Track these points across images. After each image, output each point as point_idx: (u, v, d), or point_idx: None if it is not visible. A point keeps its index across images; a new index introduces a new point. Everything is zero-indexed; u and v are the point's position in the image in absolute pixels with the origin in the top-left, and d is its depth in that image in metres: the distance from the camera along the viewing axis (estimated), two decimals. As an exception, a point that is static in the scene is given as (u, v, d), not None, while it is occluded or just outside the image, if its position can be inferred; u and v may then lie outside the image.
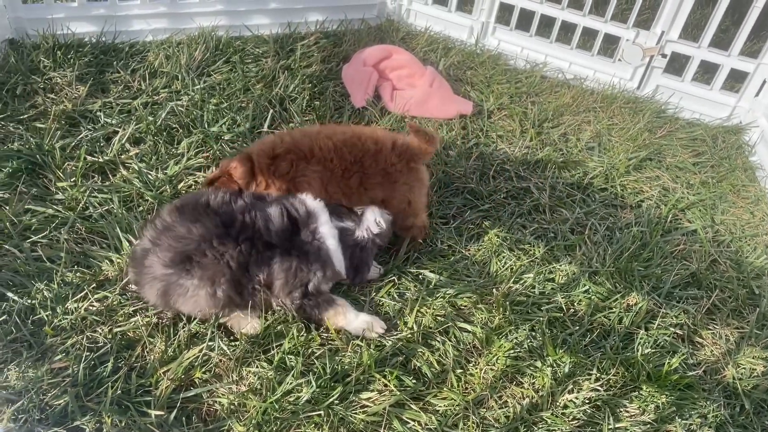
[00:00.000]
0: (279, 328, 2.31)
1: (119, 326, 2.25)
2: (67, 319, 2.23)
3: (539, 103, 3.72)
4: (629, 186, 3.26)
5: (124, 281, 2.37)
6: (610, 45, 3.99)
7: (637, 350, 2.43)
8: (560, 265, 2.75)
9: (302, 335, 2.28)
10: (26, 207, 2.57)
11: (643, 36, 3.77)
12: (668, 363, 2.37)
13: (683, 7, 3.57)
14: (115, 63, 3.42)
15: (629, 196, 3.19)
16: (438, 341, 2.37)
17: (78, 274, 2.39)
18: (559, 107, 3.71)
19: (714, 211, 3.19)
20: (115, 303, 2.31)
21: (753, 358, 2.49)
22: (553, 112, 3.65)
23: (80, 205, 2.63)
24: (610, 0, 3.74)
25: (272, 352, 2.23)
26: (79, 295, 2.31)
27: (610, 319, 2.55)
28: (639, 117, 3.69)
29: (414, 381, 2.23)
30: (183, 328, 2.26)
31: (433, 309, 2.48)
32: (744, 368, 2.47)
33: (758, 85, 3.68)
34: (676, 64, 3.90)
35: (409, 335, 2.36)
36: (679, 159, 3.48)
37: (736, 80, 3.83)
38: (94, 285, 2.36)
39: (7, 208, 2.54)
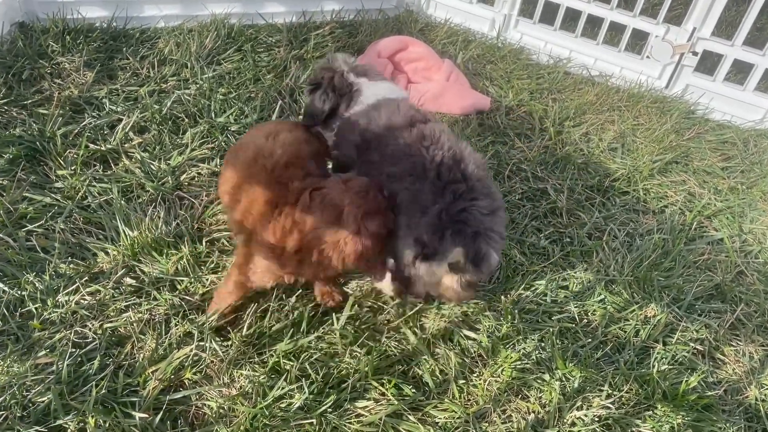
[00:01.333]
0: (275, 328, 2.21)
1: (110, 321, 2.17)
2: (56, 312, 2.16)
3: (561, 101, 3.57)
4: (653, 190, 3.09)
5: (119, 274, 2.30)
6: (639, 41, 3.81)
7: (653, 366, 2.29)
8: (575, 272, 2.61)
9: (299, 337, 2.18)
10: (24, 195, 2.51)
11: (674, 32, 3.58)
12: (686, 381, 2.22)
13: (716, 3, 3.39)
14: (124, 49, 3.35)
15: (652, 201, 3.03)
16: (442, 348, 2.26)
17: (71, 265, 2.32)
18: (581, 105, 3.55)
19: (742, 219, 3.01)
20: (107, 297, 2.24)
21: (778, 378, 2.34)
22: (575, 110, 3.49)
23: (79, 194, 2.56)
24: (640, -6, 3.57)
25: (266, 354, 2.14)
26: (71, 288, 2.23)
27: (625, 332, 2.41)
28: (666, 117, 3.51)
29: (414, 390, 2.12)
30: (176, 325, 2.18)
31: (440, 314, 2.36)
32: (768, 389, 2.32)
33: (795, 86, 3.49)
34: (707, 63, 3.71)
35: (413, 341, 2.25)
36: (707, 163, 3.30)
37: (771, 81, 3.63)
38: (87, 278, 2.29)
39: (4, 195, 2.47)
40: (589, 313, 2.48)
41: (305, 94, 2.55)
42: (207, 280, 2.33)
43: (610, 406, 2.14)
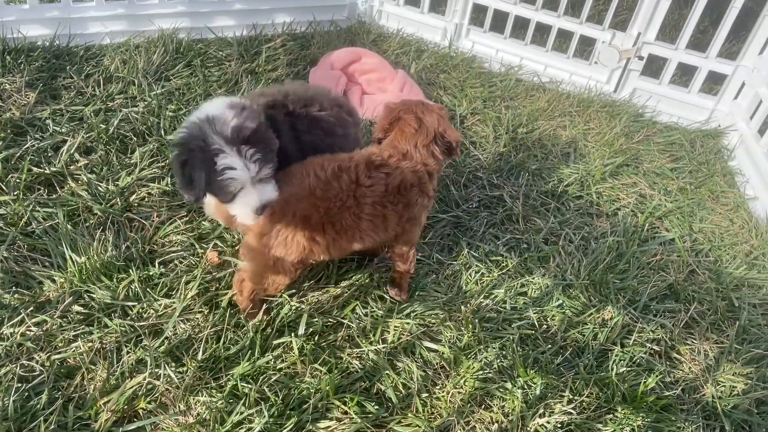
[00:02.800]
0: (232, 350, 2.16)
1: (58, 353, 2.09)
2: (1, 345, 2.07)
3: (514, 108, 3.60)
4: (605, 193, 3.14)
5: (67, 302, 2.21)
6: (587, 47, 3.88)
7: (612, 369, 2.31)
8: (533, 278, 2.63)
9: (256, 358, 2.14)
10: (-37, 223, 2.40)
11: (620, 38, 3.66)
12: (644, 383, 2.25)
13: (660, 7, 3.47)
14: (68, 68, 3.25)
15: (605, 204, 3.08)
16: (403, 362, 2.24)
17: (16, 295, 2.23)
18: (534, 111, 3.59)
19: (692, 218, 3.09)
20: (54, 327, 2.15)
21: (733, 374, 2.39)
22: (527, 117, 3.53)
23: (23, 220, 2.47)
24: (586, 0, 3.63)
25: (223, 378, 2.09)
26: (16, 319, 2.14)
27: (584, 335, 2.43)
28: (615, 121, 3.58)
29: (376, 407, 2.09)
30: (128, 353, 2.11)
31: (400, 327, 2.34)
32: (724, 386, 2.36)
33: (737, 87, 3.59)
34: (653, 67, 3.80)
35: (374, 356, 2.23)
36: (657, 164, 3.37)
37: (714, 82, 3.74)
38: (33, 307, 2.20)
39: (-58, 224, 2.37)
40: (548, 319, 2.49)
41: None
42: (160, 304, 2.27)
43: (572, 411, 2.16)
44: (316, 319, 2.30)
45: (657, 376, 2.30)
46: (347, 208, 2.07)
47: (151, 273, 2.39)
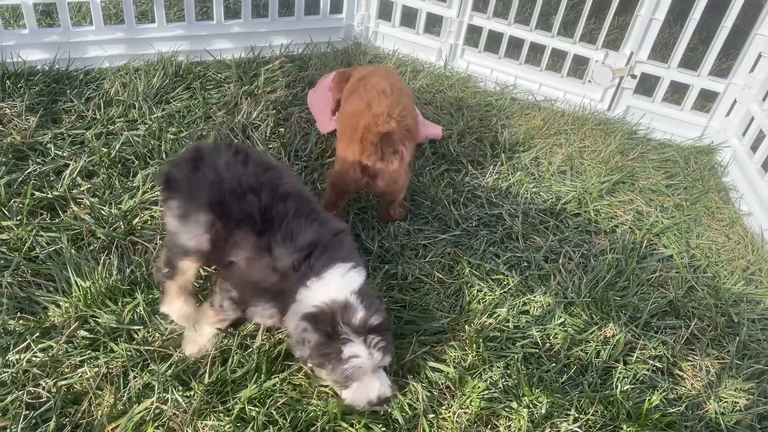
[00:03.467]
0: (239, 373, 2.16)
1: (64, 378, 2.09)
2: (6, 372, 2.06)
3: (510, 126, 3.65)
4: (603, 210, 3.18)
5: (72, 327, 2.21)
6: (580, 66, 3.94)
7: (616, 386, 2.33)
8: (534, 296, 2.65)
9: (263, 381, 2.14)
10: (-34, 249, 2.40)
11: (612, 57, 3.73)
12: (649, 400, 2.27)
13: (651, 27, 3.54)
14: (68, 92, 3.26)
15: (603, 221, 3.12)
16: (409, 382, 2.25)
17: (21, 321, 2.23)
18: (530, 130, 3.64)
19: (689, 234, 3.13)
20: (60, 353, 2.15)
21: (735, 390, 2.41)
22: (524, 135, 3.58)
23: (26, 245, 2.47)
24: (579, 21, 3.70)
25: (231, 402, 2.09)
26: (22, 345, 2.14)
27: (587, 353, 2.45)
28: (610, 139, 3.63)
29: (383, 429, 2.10)
30: (134, 378, 2.10)
31: (404, 348, 2.35)
32: (726, 402, 2.38)
33: (729, 104, 3.66)
34: (646, 85, 3.86)
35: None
36: (652, 181, 3.42)
37: (706, 99, 3.80)
38: (39, 333, 2.20)
39: (-55, 250, 2.37)
40: (551, 337, 2.51)
41: None
42: (166, 328, 2.27)
43: (578, 430, 2.17)
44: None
45: (661, 393, 2.32)
46: None
47: (156, 296, 2.39)
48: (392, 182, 2.69)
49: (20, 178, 2.73)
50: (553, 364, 2.39)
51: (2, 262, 2.39)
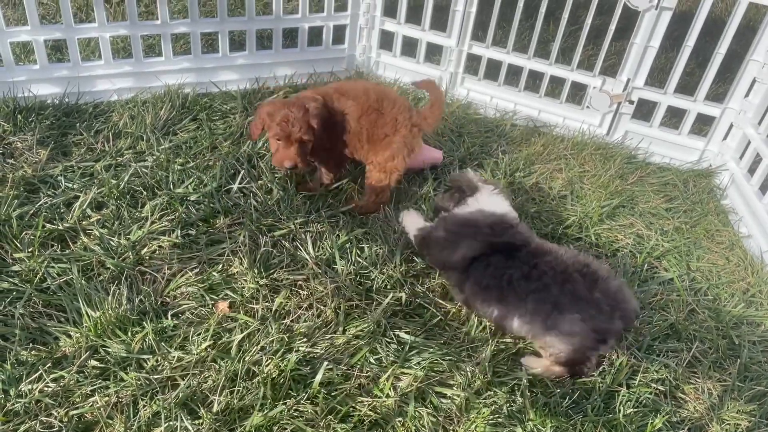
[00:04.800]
0: (246, 401, 2.20)
1: (76, 408, 2.13)
2: (20, 402, 2.10)
3: (510, 152, 3.71)
4: (603, 234, 3.23)
5: (83, 357, 2.26)
6: (579, 91, 4.02)
7: (619, 410, 2.36)
8: (537, 321, 2.69)
9: (270, 409, 2.17)
10: (-21, 281, 2.46)
11: (610, 83, 3.80)
12: (652, 423, 2.30)
13: (647, 55, 3.62)
14: (78, 125, 3.35)
15: (604, 245, 3.16)
16: (414, 408, 2.28)
17: (33, 352, 2.27)
18: (530, 155, 3.70)
19: (689, 257, 3.16)
20: (72, 383, 2.19)
21: (737, 412, 2.43)
22: (524, 161, 3.64)
23: (38, 276, 2.52)
24: (576, 49, 3.78)
25: (238, 430, 2.12)
26: (34, 376, 2.18)
27: (591, 378, 2.48)
28: (610, 164, 3.69)
29: (389, 454, 2.12)
30: (144, 407, 2.14)
31: (412, 374, 2.38)
32: (729, 424, 2.40)
33: (726, 128, 3.72)
34: (644, 109, 3.93)
35: (385, 404, 2.27)
36: (652, 205, 3.47)
37: (704, 124, 3.87)
38: (50, 363, 2.24)
39: (-41, 283, 2.42)
40: (555, 362, 2.54)
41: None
42: (173, 357, 2.31)
43: (582, 454, 2.19)
44: (330, 367, 2.35)
45: (663, 417, 2.34)
46: None
47: (164, 325, 2.44)
48: None
49: (32, 211, 2.79)
50: (558, 389, 2.41)
51: (15, 293, 2.45)
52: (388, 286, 2.75)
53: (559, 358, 2.39)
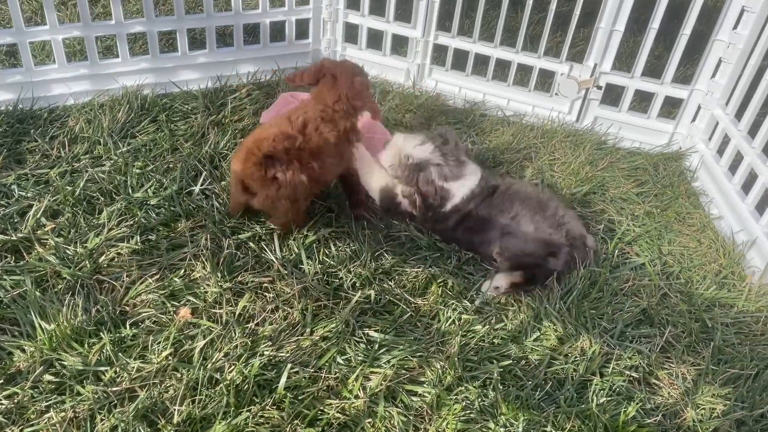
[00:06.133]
0: (209, 410, 2.13)
1: (30, 425, 2.04)
2: (-31, 423, 2.02)
3: (480, 143, 3.66)
4: (575, 222, 3.18)
5: (38, 372, 2.17)
6: (547, 79, 3.98)
7: (592, 400, 2.32)
8: (511, 312, 2.64)
9: (233, 417, 2.11)
10: (-73, 297, 2.36)
11: (577, 69, 3.76)
12: (625, 411, 2.26)
13: (613, 39, 3.59)
14: (32, 131, 3.23)
15: (575, 233, 3.12)
16: (385, 407, 2.22)
17: (-16, 368, 2.18)
18: (500, 145, 3.65)
19: (661, 241, 3.14)
20: (25, 399, 2.11)
21: (712, 396, 2.41)
22: (494, 151, 3.59)
23: (-11, 289, 2.43)
24: (543, 36, 3.73)
25: (201, 440, 2.05)
26: (-15, 394, 2.10)
27: (563, 367, 2.44)
28: (580, 150, 3.66)
29: (358, 457, 2.07)
30: (101, 421, 2.06)
31: (381, 374, 2.33)
32: (704, 409, 2.38)
33: (694, 110, 3.69)
34: (612, 95, 3.89)
35: (354, 405, 2.21)
36: (623, 190, 3.44)
37: (672, 107, 3.84)
38: (3, 380, 2.15)
39: None
40: (528, 352, 2.50)
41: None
42: (132, 367, 2.23)
43: (555, 447, 2.15)
44: (297, 370, 2.28)
45: (637, 404, 2.31)
46: None
47: (123, 335, 2.36)
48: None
49: (-17, 222, 2.69)
50: (530, 381, 2.37)
51: (-36, 308, 2.35)
52: (358, 284, 2.70)
53: (513, 259, 2.75)
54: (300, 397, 2.23)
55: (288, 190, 2.60)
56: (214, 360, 2.28)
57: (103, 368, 2.22)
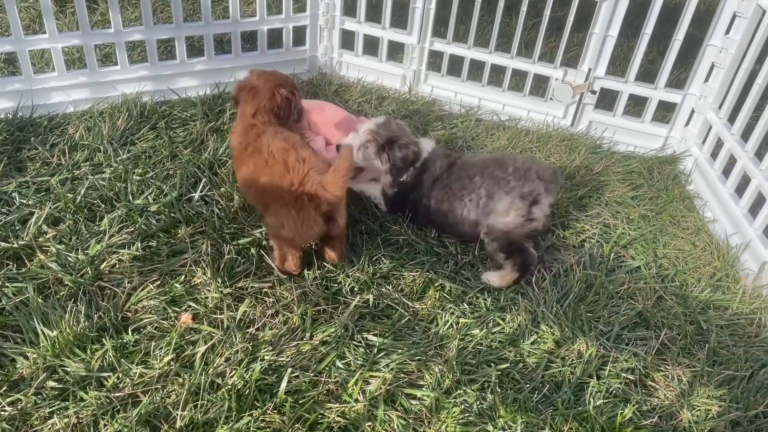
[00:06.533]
0: (211, 414, 2.15)
1: (34, 431, 2.06)
2: (-27, 429, 2.04)
3: (475, 147, 3.70)
4: (570, 225, 3.22)
5: (41, 378, 2.19)
6: (542, 84, 4.01)
7: (589, 402, 2.35)
8: (508, 315, 2.67)
9: (235, 421, 2.13)
10: (-70, 305, 2.38)
11: (572, 74, 3.80)
12: (621, 413, 2.29)
13: (607, 44, 3.63)
14: (32, 139, 3.26)
15: (571, 236, 3.16)
16: (384, 410, 2.25)
17: (-12, 375, 2.20)
18: (495, 150, 3.68)
19: (656, 244, 3.17)
20: (29, 405, 2.13)
21: (707, 398, 2.44)
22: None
23: (-8, 297, 2.45)
24: (537, 41, 3.77)
25: (203, 444, 2.08)
26: (-11, 401, 2.12)
27: (561, 370, 2.47)
28: (575, 154, 3.69)
29: (359, 461, 2.09)
30: (104, 427, 2.08)
31: (379, 375, 2.36)
32: (699, 410, 2.41)
33: (687, 114, 3.73)
34: (607, 99, 3.94)
35: (354, 409, 2.24)
36: (618, 194, 3.47)
37: (666, 111, 3.88)
38: (7, 386, 2.18)
39: None
40: (525, 355, 2.53)
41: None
42: (135, 373, 2.25)
43: (553, 448, 2.18)
44: (297, 374, 2.31)
45: (633, 405, 2.34)
46: None
47: (125, 340, 2.38)
48: None
49: (-16, 230, 2.71)
50: (527, 384, 2.40)
51: (-33, 316, 2.37)
52: (356, 289, 2.72)
53: (502, 239, 2.86)
54: (301, 401, 2.25)
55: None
56: (215, 365, 2.31)
57: (105, 374, 2.24)
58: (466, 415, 2.27)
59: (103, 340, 2.35)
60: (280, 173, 2.53)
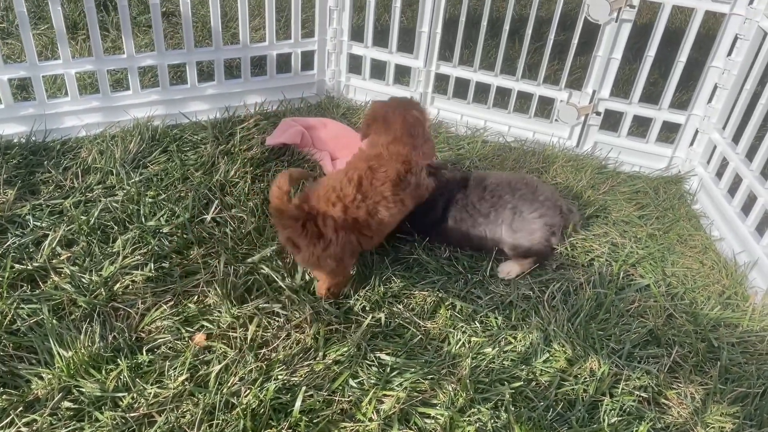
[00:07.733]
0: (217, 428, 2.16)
1: (50, 452, 2.07)
2: (-10, 450, 2.04)
3: (482, 168, 3.74)
4: (579, 245, 3.24)
5: (56, 399, 2.20)
6: (546, 105, 4.07)
7: (603, 420, 2.35)
8: (520, 334, 2.68)
9: (252, 441, 2.14)
10: (-54, 326, 2.39)
11: (576, 96, 3.86)
12: (636, 431, 2.29)
13: (611, 66, 3.69)
14: (45, 162, 3.30)
15: (580, 256, 3.17)
16: (399, 429, 2.25)
17: (4, 396, 2.21)
18: (502, 171, 3.72)
19: (664, 263, 3.19)
20: (44, 426, 2.13)
21: (720, 415, 2.44)
22: (497, 177, 3.65)
23: (7, 318, 2.46)
24: (542, 64, 3.83)
25: (219, 464, 2.08)
26: (5, 421, 2.12)
27: (574, 388, 2.47)
28: (581, 174, 3.73)
29: (375, 480, 2.09)
30: (121, 446, 2.09)
31: (393, 394, 2.36)
32: (713, 428, 2.41)
33: (692, 134, 3.78)
34: (611, 120, 3.99)
35: (369, 428, 2.24)
36: (625, 213, 3.50)
37: (670, 131, 3.93)
38: (22, 407, 2.18)
39: (-75, 329, 2.36)
40: (538, 374, 2.53)
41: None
42: (150, 393, 2.26)
43: (569, 466, 2.18)
44: (311, 393, 2.31)
45: (648, 424, 2.34)
46: None
47: (139, 361, 2.39)
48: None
49: (0, 252, 2.74)
50: (541, 402, 2.40)
51: (-17, 337, 2.39)
52: (368, 308, 2.74)
53: (529, 252, 3.00)
54: (315, 421, 2.25)
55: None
56: (229, 384, 2.32)
57: (120, 394, 2.25)
58: (481, 433, 2.27)
59: (118, 360, 2.36)
60: None
